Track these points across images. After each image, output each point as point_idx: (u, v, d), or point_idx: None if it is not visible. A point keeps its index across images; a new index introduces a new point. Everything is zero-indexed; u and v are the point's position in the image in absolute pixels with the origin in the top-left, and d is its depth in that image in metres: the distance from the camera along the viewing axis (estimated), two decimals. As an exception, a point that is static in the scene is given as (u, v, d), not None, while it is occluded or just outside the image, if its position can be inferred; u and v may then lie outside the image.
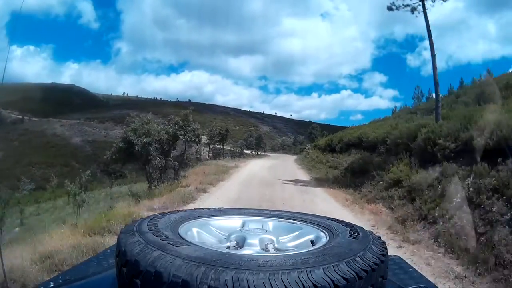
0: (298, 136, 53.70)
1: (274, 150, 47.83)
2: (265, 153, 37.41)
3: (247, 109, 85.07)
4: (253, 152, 35.74)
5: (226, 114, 79.44)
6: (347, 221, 0.90)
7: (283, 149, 48.05)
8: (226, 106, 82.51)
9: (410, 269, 1.02)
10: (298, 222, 0.91)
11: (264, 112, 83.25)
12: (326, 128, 52.03)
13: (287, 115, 78.54)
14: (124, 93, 68.88)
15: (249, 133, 50.82)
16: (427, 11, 10.13)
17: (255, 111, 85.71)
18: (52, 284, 0.81)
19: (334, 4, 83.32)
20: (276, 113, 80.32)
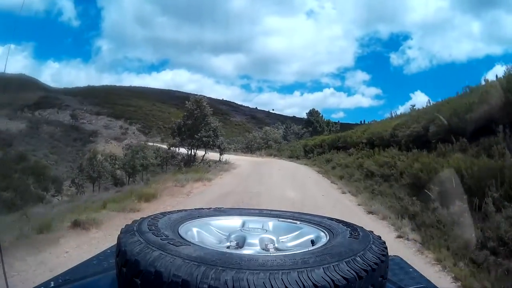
0: (292, 126, 35.93)
1: (250, 149, 28.18)
2: (224, 160, 16.56)
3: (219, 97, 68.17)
4: (184, 157, 16.17)
5: (184, 99, 61.77)
6: (347, 221, 0.88)
7: (268, 147, 28.31)
8: (185, 91, 66.75)
9: (410, 269, 1.02)
10: (298, 222, 0.90)
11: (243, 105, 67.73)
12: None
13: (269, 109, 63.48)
14: (88, 85, 59.14)
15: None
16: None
17: (228, 100, 68.73)
18: (52, 284, 0.82)
19: (319, 3, 76.42)
20: (256, 107, 65.51)
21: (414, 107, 16.86)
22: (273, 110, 62.43)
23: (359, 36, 79.34)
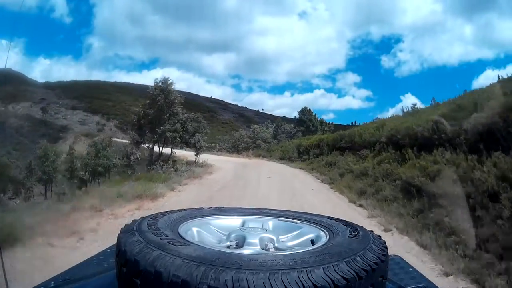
0: (283, 124, 32.25)
1: (236, 149, 25.79)
2: (200, 161, 13.30)
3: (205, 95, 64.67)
4: (138, 157, 12.61)
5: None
6: (347, 220, 0.87)
7: (256, 147, 26.50)
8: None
9: (411, 269, 1.00)
10: (298, 221, 0.89)
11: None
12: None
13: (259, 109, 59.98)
14: (72, 79, 54.37)
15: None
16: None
17: (216, 98, 65.44)
18: (52, 284, 0.80)
19: (312, 4, 74.86)
20: (246, 107, 61.56)
21: (416, 106, 13.90)
22: (262, 110, 58.90)
23: (351, 38, 78.38)
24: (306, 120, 31.89)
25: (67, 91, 47.73)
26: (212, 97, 65.54)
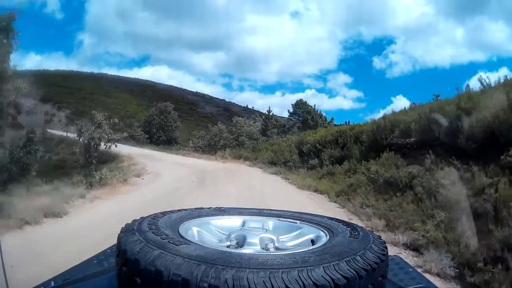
0: (273, 117, 24.86)
1: (214, 147, 18.65)
2: (110, 172, 8.05)
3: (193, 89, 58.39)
4: None
5: (142, 87, 53.23)
6: (347, 221, 0.86)
7: (239, 145, 19.35)
8: (146, 79, 56.48)
9: (411, 269, 1.00)
10: (298, 222, 0.89)
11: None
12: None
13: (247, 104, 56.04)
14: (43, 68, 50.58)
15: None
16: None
17: (201, 92, 59.37)
18: (52, 284, 0.80)
19: (304, 4, 71.58)
20: (234, 102, 57.03)
21: (438, 98, 9.65)
22: (252, 107, 52.33)
23: (343, 39, 75.67)
24: (303, 113, 24.96)
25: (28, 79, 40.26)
26: (198, 91, 58.50)
